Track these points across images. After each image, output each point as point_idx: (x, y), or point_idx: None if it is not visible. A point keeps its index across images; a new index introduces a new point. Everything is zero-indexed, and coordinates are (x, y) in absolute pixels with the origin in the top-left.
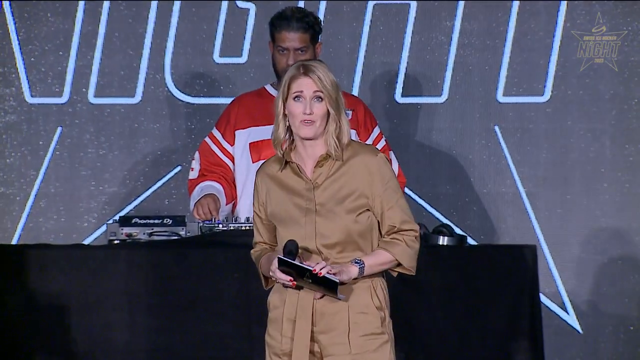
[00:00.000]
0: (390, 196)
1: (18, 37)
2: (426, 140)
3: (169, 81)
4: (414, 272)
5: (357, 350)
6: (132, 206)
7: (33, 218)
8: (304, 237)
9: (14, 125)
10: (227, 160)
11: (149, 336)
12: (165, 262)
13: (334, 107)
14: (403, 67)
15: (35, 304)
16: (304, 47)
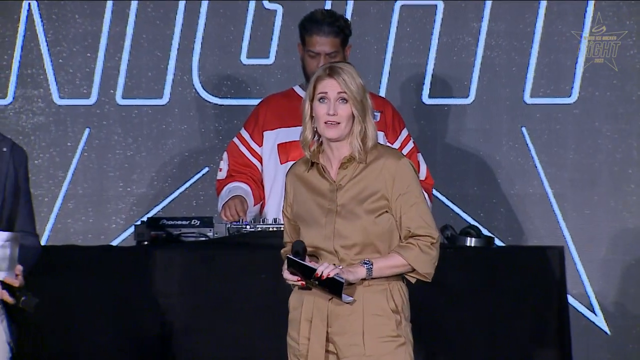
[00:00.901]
0: (409, 200)
1: (46, 38)
2: (453, 142)
3: (196, 82)
4: (430, 279)
5: (371, 352)
6: (160, 207)
7: (61, 219)
8: (323, 238)
9: (42, 126)
10: (255, 161)
11: (176, 337)
12: (193, 263)
13: (359, 109)
14: (430, 68)
15: (64, 305)
16: (335, 51)
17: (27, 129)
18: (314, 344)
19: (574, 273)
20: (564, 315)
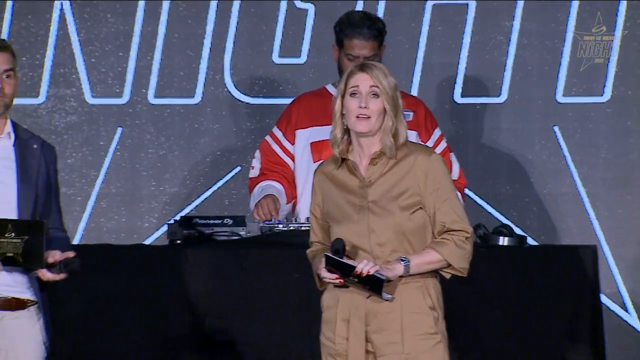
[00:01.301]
0: (441, 196)
1: (78, 37)
2: (486, 141)
3: (228, 81)
4: (466, 273)
5: (410, 349)
6: (192, 206)
7: (94, 218)
8: (357, 235)
9: (75, 125)
10: (287, 159)
11: (209, 336)
12: (225, 262)
13: (391, 105)
14: (462, 68)
15: (96, 303)
16: (373, 55)
17: (60, 128)
18: (354, 344)
19: (606, 272)
20: (597, 314)
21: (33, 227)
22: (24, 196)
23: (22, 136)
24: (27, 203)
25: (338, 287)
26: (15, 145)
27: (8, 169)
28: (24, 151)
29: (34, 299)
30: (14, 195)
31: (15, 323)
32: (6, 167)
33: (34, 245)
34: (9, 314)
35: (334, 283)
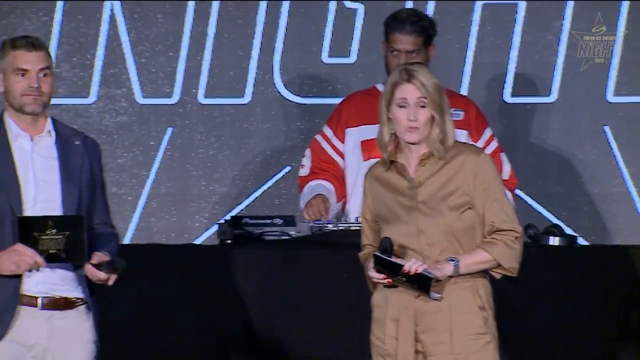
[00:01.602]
0: (491, 195)
1: (129, 37)
2: (536, 141)
3: (277, 81)
4: (515, 273)
5: (459, 349)
6: (242, 206)
7: (145, 218)
8: (406, 235)
9: (125, 125)
10: (337, 158)
11: (258, 336)
12: (275, 262)
13: (438, 111)
14: (512, 67)
15: (146, 303)
16: (416, 49)
17: (110, 128)
18: (403, 344)
19: None
20: None
21: (73, 222)
22: (68, 194)
23: (63, 133)
24: (71, 201)
25: (387, 287)
26: (56, 143)
27: (51, 168)
28: (66, 148)
29: (83, 298)
30: (58, 194)
31: (64, 322)
32: (49, 166)
33: (75, 240)
34: (57, 314)
35: (382, 283)
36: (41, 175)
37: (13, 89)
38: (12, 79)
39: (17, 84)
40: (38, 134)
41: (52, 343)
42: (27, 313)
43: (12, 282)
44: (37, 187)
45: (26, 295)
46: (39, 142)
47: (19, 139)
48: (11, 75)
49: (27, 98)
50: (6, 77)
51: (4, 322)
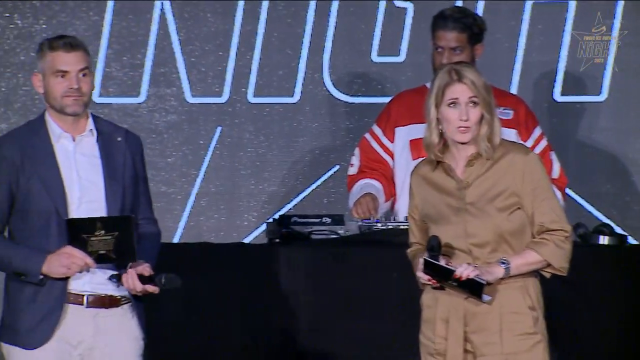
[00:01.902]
0: (539, 195)
1: (179, 37)
2: (586, 140)
3: (327, 80)
4: (566, 272)
5: (509, 349)
6: (291, 205)
7: (194, 217)
8: (454, 236)
9: (175, 124)
10: (386, 157)
11: (307, 334)
12: (324, 261)
13: (487, 110)
14: (562, 66)
15: (196, 302)
16: (459, 46)
17: (160, 127)
18: (452, 344)
19: None
20: None
21: (121, 223)
22: (112, 192)
23: (105, 130)
24: (114, 199)
25: (435, 289)
26: (98, 142)
27: (94, 167)
28: (108, 146)
29: (127, 296)
30: (102, 194)
31: (110, 320)
32: (92, 165)
33: (124, 240)
34: (103, 312)
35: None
36: (85, 176)
37: (53, 91)
38: (52, 80)
39: (57, 86)
40: (80, 134)
41: (99, 340)
42: (74, 311)
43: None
44: (82, 188)
45: (73, 293)
46: (80, 142)
47: (61, 139)
48: (51, 77)
49: (67, 99)
50: (46, 78)
51: (51, 322)
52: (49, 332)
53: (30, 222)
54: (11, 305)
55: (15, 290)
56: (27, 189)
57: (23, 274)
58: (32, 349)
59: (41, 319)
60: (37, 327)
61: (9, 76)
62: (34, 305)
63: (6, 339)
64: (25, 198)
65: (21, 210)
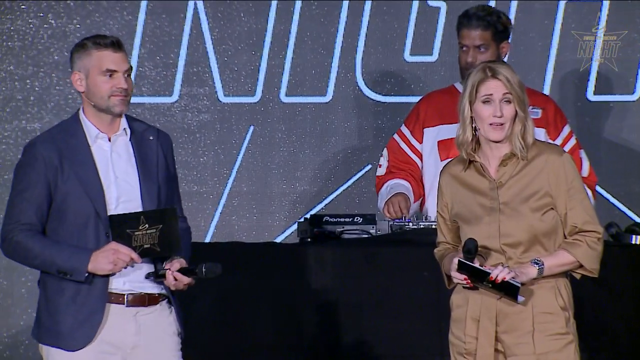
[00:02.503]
0: (573, 196)
1: (211, 36)
2: (618, 139)
3: (359, 80)
4: (597, 274)
5: (541, 350)
6: (322, 205)
7: (225, 216)
8: (487, 236)
9: (208, 124)
10: (415, 158)
11: (339, 333)
12: (356, 260)
13: (522, 108)
14: (595, 66)
15: (227, 301)
16: (484, 44)
17: (193, 127)
18: (483, 344)
19: None
20: None
21: (165, 215)
22: (147, 191)
23: (137, 129)
24: (150, 198)
25: (467, 289)
26: (131, 140)
27: (130, 167)
28: (141, 145)
29: (164, 294)
30: (138, 192)
31: (149, 318)
32: (128, 165)
33: (168, 232)
34: (142, 310)
35: (462, 284)
36: (121, 176)
37: (100, 90)
38: (99, 79)
39: (104, 85)
40: (114, 133)
41: (140, 339)
42: (115, 311)
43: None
44: (119, 188)
45: (113, 293)
46: (116, 142)
47: (97, 140)
48: (97, 76)
49: (115, 99)
50: (90, 77)
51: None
52: (92, 333)
53: (67, 222)
54: (50, 307)
55: (54, 292)
56: (66, 190)
57: (68, 273)
58: (75, 350)
59: (83, 320)
60: (79, 328)
61: (42, 76)
62: (74, 306)
63: (46, 340)
64: (63, 199)
65: (58, 211)
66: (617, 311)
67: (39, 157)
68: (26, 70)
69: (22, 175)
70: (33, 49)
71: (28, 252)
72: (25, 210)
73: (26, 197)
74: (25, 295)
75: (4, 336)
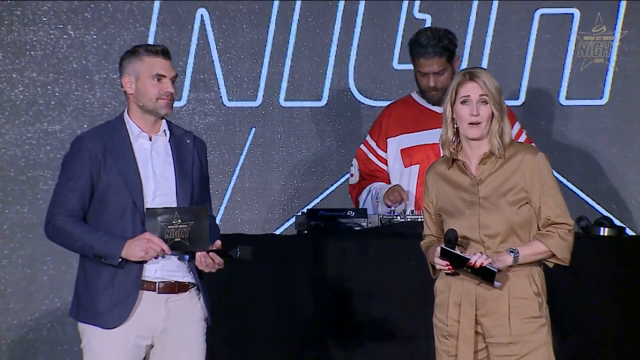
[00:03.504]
0: (546, 192)
1: (217, 46)
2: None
3: (351, 86)
4: (568, 263)
5: (516, 332)
6: (318, 200)
7: (230, 210)
8: (468, 228)
9: (213, 126)
10: (382, 166)
11: (331, 316)
12: (348, 250)
13: (498, 109)
14: (567, 73)
15: (231, 288)
16: (442, 69)
17: (200, 129)
18: (464, 326)
19: None
20: None
21: (197, 213)
22: (182, 188)
23: (176, 133)
24: (185, 194)
25: (449, 275)
26: (170, 142)
27: (167, 164)
28: (179, 146)
29: (193, 282)
30: (174, 188)
31: (178, 304)
32: (165, 163)
33: (198, 229)
34: (172, 297)
35: (444, 270)
36: (159, 172)
37: (148, 92)
38: (149, 83)
39: (153, 88)
40: (155, 134)
41: (170, 323)
42: (147, 297)
43: (134, 270)
44: (156, 183)
45: (146, 281)
46: (156, 141)
47: (139, 139)
48: (147, 80)
49: (162, 102)
50: (140, 81)
51: (128, 304)
52: (126, 314)
53: (106, 212)
54: (89, 288)
55: (93, 275)
56: (108, 182)
57: (103, 257)
58: (110, 328)
59: (118, 301)
60: (114, 308)
61: (62, 82)
62: (111, 288)
63: (84, 318)
64: (104, 190)
65: (99, 201)
66: (587, 297)
67: (84, 150)
68: (47, 77)
69: (69, 166)
70: (54, 58)
71: (70, 236)
72: (69, 198)
73: (71, 186)
74: (47, 283)
75: (28, 319)
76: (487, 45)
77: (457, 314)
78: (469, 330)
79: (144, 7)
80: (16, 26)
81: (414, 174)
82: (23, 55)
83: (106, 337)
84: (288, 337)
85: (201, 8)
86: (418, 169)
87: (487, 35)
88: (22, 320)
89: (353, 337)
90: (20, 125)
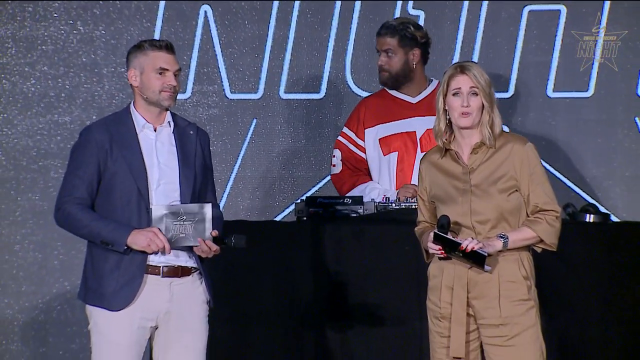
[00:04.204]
0: (535, 180)
1: (220, 41)
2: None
3: (348, 79)
4: (555, 248)
5: (506, 314)
6: (317, 188)
7: (232, 198)
8: (460, 214)
9: (216, 117)
10: (362, 155)
11: (329, 299)
12: (345, 236)
13: (488, 101)
14: (554, 66)
15: (233, 272)
16: (390, 49)
17: (203, 120)
18: (457, 309)
19: None
20: None
21: (201, 210)
22: (185, 177)
23: (180, 124)
24: (187, 183)
25: (441, 259)
26: (174, 133)
27: (171, 154)
28: (183, 137)
29: (196, 267)
30: (177, 176)
31: (182, 287)
32: (169, 152)
33: (201, 225)
34: (176, 280)
35: (437, 255)
36: (163, 161)
37: (152, 85)
38: (152, 76)
39: (157, 81)
40: (160, 125)
41: (173, 306)
42: (152, 280)
43: (140, 255)
44: (160, 171)
45: (151, 265)
46: (160, 132)
47: (144, 129)
48: (151, 73)
49: (165, 94)
50: (144, 74)
51: (134, 287)
52: (131, 296)
53: (113, 199)
54: (96, 272)
55: (100, 259)
56: (114, 170)
57: (110, 244)
58: (116, 310)
59: (124, 284)
60: (120, 290)
61: (72, 75)
62: (117, 272)
63: (91, 301)
64: (111, 177)
65: (106, 189)
66: (573, 281)
67: (92, 140)
68: (58, 71)
69: (77, 154)
70: (64, 52)
71: (78, 222)
72: (78, 186)
73: (79, 174)
74: (57, 267)
75: (39, 302)
76: (478, 40)
77: (449, 296)
78: (461, 312)
79: (150, 4)
80: (28, 22)
81: (393, 161)
82: (35, 49)
83: (112, 318)
84: (287, 319)
85: (205, 5)
86: (397, 156)
87: (478, 31)
88: (33, 303)
89: (350, 319)
90: (32, 116)
